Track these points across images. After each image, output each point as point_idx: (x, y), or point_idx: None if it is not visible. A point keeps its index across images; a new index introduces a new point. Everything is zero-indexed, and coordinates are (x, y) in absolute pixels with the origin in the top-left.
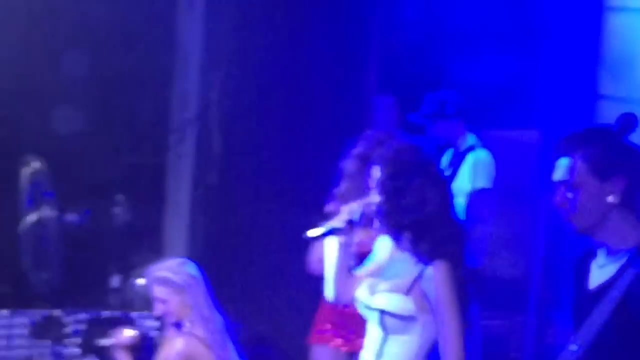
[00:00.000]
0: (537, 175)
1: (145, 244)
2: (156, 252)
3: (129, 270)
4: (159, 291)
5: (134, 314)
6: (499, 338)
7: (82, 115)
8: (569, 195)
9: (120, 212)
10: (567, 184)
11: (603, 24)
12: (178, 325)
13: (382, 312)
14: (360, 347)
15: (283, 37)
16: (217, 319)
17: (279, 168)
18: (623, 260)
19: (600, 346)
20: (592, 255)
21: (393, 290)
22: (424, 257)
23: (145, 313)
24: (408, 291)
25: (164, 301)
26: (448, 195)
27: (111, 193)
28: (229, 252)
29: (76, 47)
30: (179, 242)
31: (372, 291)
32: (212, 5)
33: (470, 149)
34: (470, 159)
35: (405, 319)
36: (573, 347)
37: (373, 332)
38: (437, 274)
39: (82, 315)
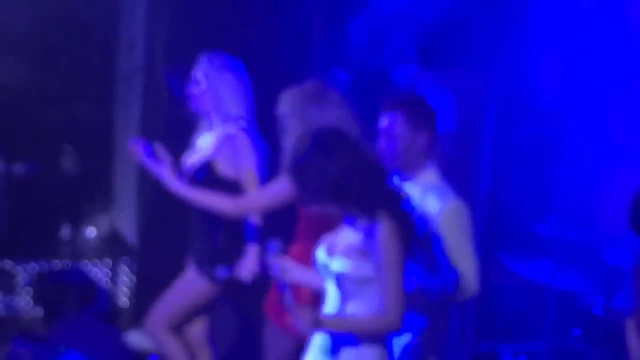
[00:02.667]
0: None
1: (95, 193)
2: (105, 201)
3: (78, 220)
4: None
5: (85, 264)
6: None
7: (29, 65)
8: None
9: (68, 162)
10: (387, 133)
11: None
12: None
13: (340, 275)
14: None
15: None
16: None
17: None
18: None
19: None
20: None
21: (348, 253)
22: (364, 219)
23: (95, 263)
24: (362, 254)
25: None
26: (359, 159)
27: (59, 143)
28: (178, 201)
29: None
30: (128, 191)
31: (331, 252)
32: None
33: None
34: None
35: (361, 282)
36: None
37: (332, 293)
38: (378, 234)
39: (33, 266)
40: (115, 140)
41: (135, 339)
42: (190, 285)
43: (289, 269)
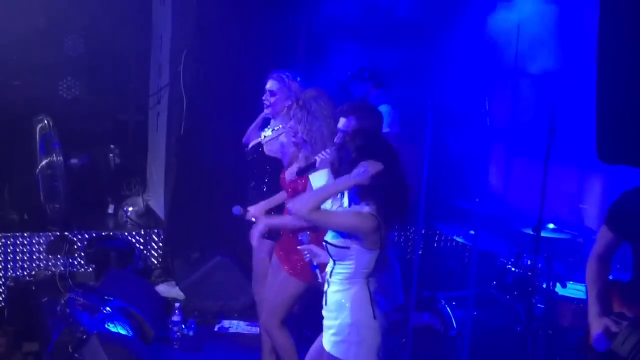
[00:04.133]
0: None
1: (132, 180)
2: (140, 186)
3: (120, 200)
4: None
5: (125, 233)
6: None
7: (82, 84)
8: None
9: (112, 157)
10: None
11: None
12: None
13: (327, 243)
14: None
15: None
16: None
17: (232, 121)
18: None
19: None
20: None
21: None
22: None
23: (133, 233)
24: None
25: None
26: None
27: (106, 143)
28: (195, 186)
29: (78, 34)
30: (157, 179)
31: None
32: (178, 1)
33: (378, 104)
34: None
35: (342, 249)
36: None
37: (329, 259)
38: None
39: (86, 235)
40: (148, 140)
41: (163, 289)
42: (285, 282)
43: (317, 254)
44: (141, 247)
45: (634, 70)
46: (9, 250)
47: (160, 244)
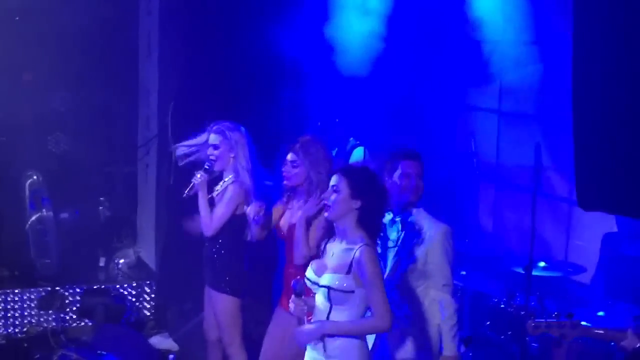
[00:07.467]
0: None
1: (123, 232)
2: (131, 238)
3: (111, 253)
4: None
5: (117, 286)
6: None
7: (70, 138)
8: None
9: (102, 209)
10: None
11: None
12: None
13: (329, 288)
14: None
15: (213, 79)
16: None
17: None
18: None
19: None
20: None
21: (336, 271)
22: (358, 241)
23: (125, 285)
24: (347, 271)
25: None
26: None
27: (95, 196)
28: (184, 236)
29: (65, 89)
30: (148, 230)
31: (320, 272)
32: (164, 56)
33: (353, 147)
34: (354, 154)
35: (346, 293)
36: None
37: (320, 303)
38: (362, 257)
39: (77, 289)
40: (137, 192)
41: (157, 342)
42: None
43: (310, 304)
44: (133, 300)
45: (607, 119)
46: None
47: (153, 295)
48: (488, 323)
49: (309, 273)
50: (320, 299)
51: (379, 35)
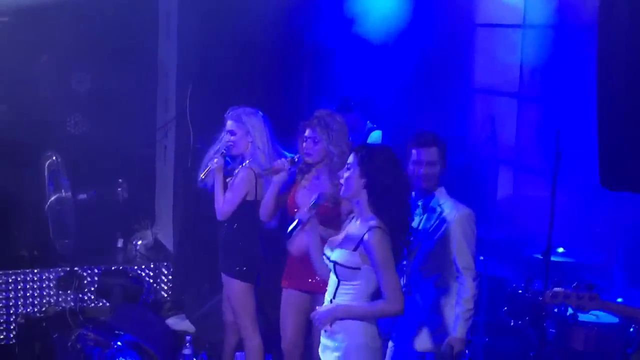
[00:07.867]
0: None
1: (141, 214)
2: (149, 220)
3: (129, 234)
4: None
5: (134, 267)
6: None
7: (90, 120)
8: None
9: (121, 191)
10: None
11: None
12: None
13: (335, 264)
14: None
15: (232, 61)
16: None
17: None
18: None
19: None
20: None
21: (344, 246)
22: (370, 222)
23: (142, 266)
24: (355, 248)
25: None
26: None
27: (114, 177)
28: (204, 218)
29: (84, 71)
30: (166, 212)
31: (331, 247)
32: (183, 37)
33: (370, 130)
34: (371, 137)
35: (353, 270)
36: None
37: (331, 278)
38: (369, 240)
39: (95, 270)
40: (155, 174)
41: (173, 323)
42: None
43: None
44: (151, 281)
45: (633, 97)
46: (19, 287)
47: (170, 277)
48: (505, 309)
49: (326, 249)
50: (331, 274)
51: (401, 13)
